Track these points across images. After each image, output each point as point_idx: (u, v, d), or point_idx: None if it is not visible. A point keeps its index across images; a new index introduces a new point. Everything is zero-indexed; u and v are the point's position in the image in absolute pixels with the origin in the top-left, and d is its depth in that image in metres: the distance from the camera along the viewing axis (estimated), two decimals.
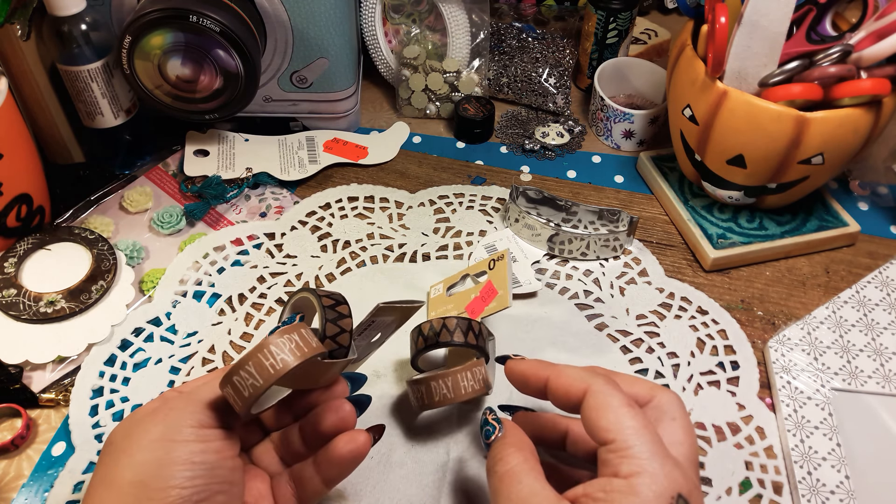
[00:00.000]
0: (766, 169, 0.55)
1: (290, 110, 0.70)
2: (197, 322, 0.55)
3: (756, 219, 0.61)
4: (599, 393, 0.34)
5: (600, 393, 0.34)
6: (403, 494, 0.45)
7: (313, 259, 0.60)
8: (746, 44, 0.53)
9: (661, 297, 0.57)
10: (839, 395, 0.50)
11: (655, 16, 0.88)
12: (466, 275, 0.57)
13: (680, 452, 0.34)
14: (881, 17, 0.51)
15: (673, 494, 0.30)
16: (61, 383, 0.51)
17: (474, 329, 0.46)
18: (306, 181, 0.67)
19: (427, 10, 0.73)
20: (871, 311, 0.56)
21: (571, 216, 0.63)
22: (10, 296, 0.53)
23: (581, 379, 0.35)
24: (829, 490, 0.46)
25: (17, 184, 0.55)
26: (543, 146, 0.71)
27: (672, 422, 0.35)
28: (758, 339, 0.55)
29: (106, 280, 0.55)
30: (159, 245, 0.61)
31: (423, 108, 0.75)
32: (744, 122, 0.53)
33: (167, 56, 0.58)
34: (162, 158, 0.68)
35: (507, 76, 0.75)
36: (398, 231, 0.62)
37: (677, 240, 0.63)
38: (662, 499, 0.30)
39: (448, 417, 0.49)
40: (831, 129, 0.52)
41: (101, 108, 0.62)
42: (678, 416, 0.36)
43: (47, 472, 0.47)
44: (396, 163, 0.69)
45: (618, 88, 0.75)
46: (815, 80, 0.52)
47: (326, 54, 0.65)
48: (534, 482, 0.34)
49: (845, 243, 0.62)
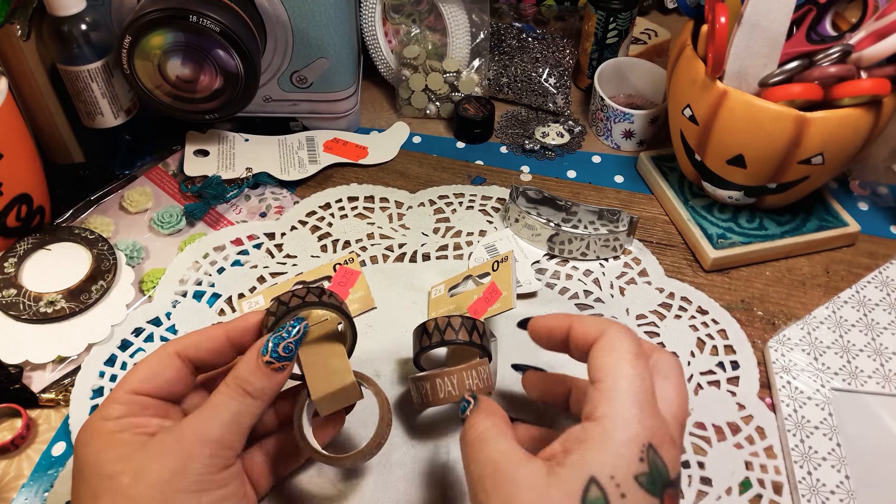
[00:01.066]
0: (766, 169, 0.55)
1: (290, 110, 0.70)
2: (197, 322, 0.55)
3: (756, 219, 0.61)
4: (612, 337, 0.35)
5: (612, 337, 0.35)
6: (403, 494, 0.45)
7: (313, 259, 0.60)
8: (746, 44, 0.53)
9: (661, 297, 0.57)
10: (839, 395, 0.50)
11: (655, 16, 0.88)
12: (468, 276, 0.57)
13: (667, 410, 0.33)
14: (881, 17, 0.51)
15: (644, 443, 0.30)
16: (61, 383, 0.51)
17: (478, 328, 0.46)
18: (306, 181, 0.67)
19: (427, 10, 0.73)
20: (871, 311, 0.56)
21: (571, 216, 0.63)
22: (10, 296, 0.53)
23: (599, 325, 0.36)
24: (829, 490, 0.46)
25: (17, 184, 0.55)
26: (543, 146, 0.71)
27: (664, 380, 0.35)
28: (758, 339, 0.55)
29: (106, 280, 0.55)
30: (159, 245, 0.61)
31: (423, 108, 0.75)
32: (744, 122, 0.53)
33: (167, 56, 0.58)
34: (162, 158, 0.68)
35: (507, 76, 0.75)
36: (398, 231, 0.62)
37: (677, 240, 0.63)
38: (633, 444, 0.30)
39: (448, 417, 0.49)
40: (831, 129, 0.52)
41: (101, 108, 0.62)
42: (672, 377, 0.35)
43: (47, 472, 0.47)
44: (396, 163, 0.69)
45: (618, 88, 0.75)
46: (815, 80, 0.52)
47: (326, 54, 0.65)
48: (502, 442, 0.33)
49: (845, 243, 0.62)
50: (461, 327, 0.45)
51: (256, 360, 0.38)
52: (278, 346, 0.39)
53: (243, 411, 0.38)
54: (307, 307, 0.41)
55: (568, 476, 0.29)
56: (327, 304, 0.41)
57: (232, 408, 0.37)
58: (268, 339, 0.39)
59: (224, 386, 0.38)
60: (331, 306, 0.41)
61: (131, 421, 0.37)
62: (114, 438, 0.36)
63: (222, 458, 0.36)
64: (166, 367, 0.39)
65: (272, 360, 0.38)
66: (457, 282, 0.56)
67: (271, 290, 0.56)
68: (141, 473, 0.34)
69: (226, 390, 0.38)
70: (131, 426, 0.37)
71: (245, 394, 0.38)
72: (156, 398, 0.39)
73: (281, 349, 0.39)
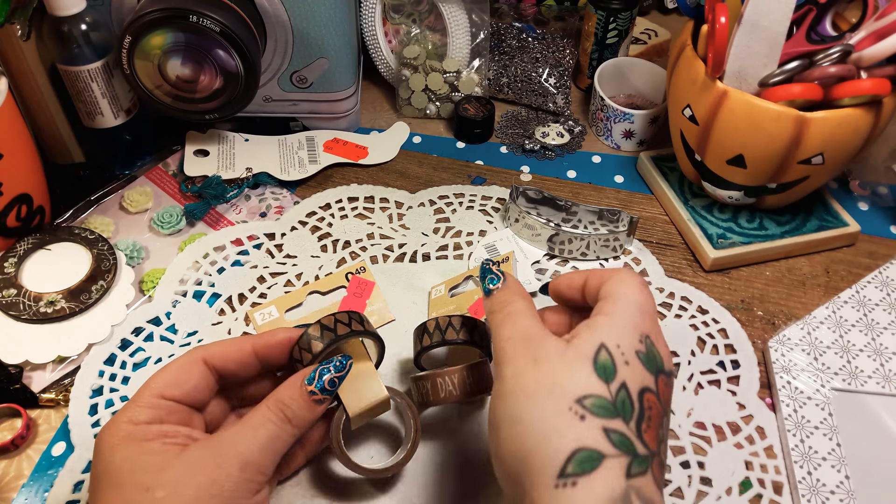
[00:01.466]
0: (766, 169, 0.55)
1: (290, 110, 0.70)
2: (197, 322, 0.55)
3: (756, 219, 0.61)
4: (621, 272, 0.38)
5: (622, 272, 0.38)
6: (404, 494, 0.45)
7: (313, 259, 0.60)
8: (746, 44, 0.53)
9: (662, 297, 0.57)
10: (839, 395, 0.50)
11: (655, 16, 0.88)
12: (469, 276, 0.57)
13: None
14: (881, 17, 0.51)
15: (643, 333, 0.35)
16: (61, 383, 0.51)
17: (479, 328, 0.46)
18: (306, 181, 0.67)
19: (427, 10, 0.73)
20: (871, 311, 0.56)
21: (571, 216, 0.63)
22: (10, 296, 0.53)
23: (611, 271, 0.39)
24: (829, 490, 0.46)
25: (17, 184, 0.55)
26: (543, 146, 0.71)
27: None
28: (758, 339, 0.55)
29: (106, 280, 0.55)
30: (159, 245, 0.61)
31: (423, 108, 0.75)
32: (744, 122, 0.53)
33: (167, 56, 0.58)
34: (162, 158, 0.68)
35: (507, 76, 0.75)
36: (398, 231, 0.62)
37: (677, 240, 0.63)
38: (635, 329, 0.34)
39: (448, 417, 0.49)
40: (831, 129, 0.52)
41: (101, 108, 0.62)
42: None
43: (47, 472, 0.47)
44: (396, 163, 0.69)
45: (618, 88, 0.75)
46: (815, 80, 0.52)
47: (326, 54, 0.65)
48: (534, 320, 0.37)
49: (845, 243, 0.62)
50: (462, 327, 0.45)
51: (301, 388, 0.39)
52: (324, 378, 0.39)
53: (280, 437, 0.38)
54: (355, 336, 0.42)
55: (582, 343, 0.34)
56: (371, 334, 0.43)
57: (270, 431, 0.37)
58: (315, 369, 0.39)
59: (265, 408, 0.38)
60: (373, 335, 0.43)
61: (161, 429, 0.37)
62: (146, 447, 0.35)
63: (255, 483, 0.36)
64: (193, 374, 0.39)
65: (315, 391, 0.39)
66: (457, 282, 0.56)
67: (283, 301, 0.55)
68: (177, 489, 0.34)
69: (266, 412, 0.38)
70: (161, 434, 0.36)
71: (285, 419, 0.38)
72: (181, 404, 0.39)
73: (326, 382, 0.39)
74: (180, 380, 0.39)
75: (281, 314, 0.54)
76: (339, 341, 0.41)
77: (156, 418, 0.37)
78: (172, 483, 0.34)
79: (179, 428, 0.37)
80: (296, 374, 0.40)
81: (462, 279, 0.56)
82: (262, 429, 0.37)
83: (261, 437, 0.37)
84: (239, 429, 0.37)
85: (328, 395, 0.39)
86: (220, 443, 0.36)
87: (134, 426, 0.36)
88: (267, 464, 0.37)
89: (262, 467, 0.37)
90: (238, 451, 0.36)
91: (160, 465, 0.35)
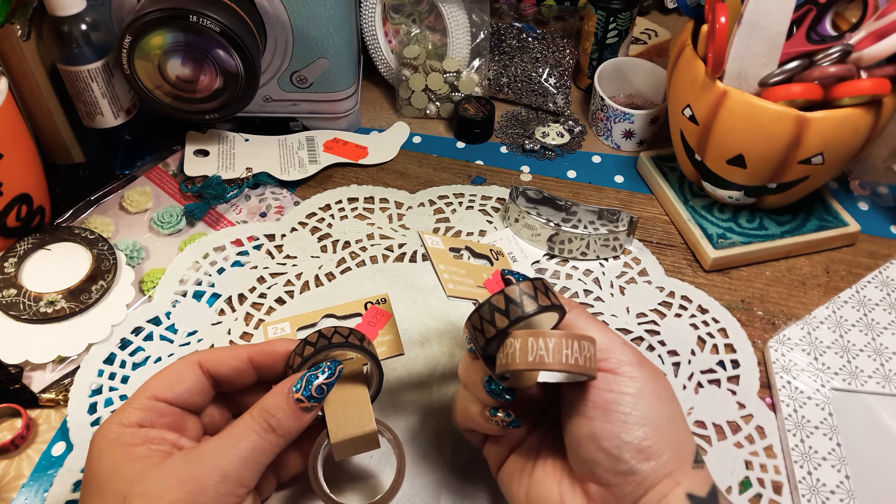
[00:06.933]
0: (766, 169, 0.55)
1: (290, 110, 0.70)
2: (197, 321, 0.55)
3: (756, 219, 0.61)
4: None
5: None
6: (403, 494, 0.45)
7: (313, 259, 0.60)
8: (746, 44, 0.53)
9: (662, 296, 0.57)
10: (839, 395, 0.50)
11: (655, 16, 0.88)
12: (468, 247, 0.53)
13: None
14: (881, 17, 0.51)
15: None
16: (61, 383, 0.51)
17: (541, 288, 0.35)
18: (306, 181, 0.67)
19: (427, 10, 0.73)
20: (871, 311, 0.56)
21: (571, 216, 0.63)
22: (10, 296, 0.53)
23: None
24: (829, 490, 0.46)
25: (17, 184, 0.55)
26: (543, 146, 0.71)
27: None
28: (758, 339, 0.55)
29: (106, 280, 0.55)
30: (159, 245, 0.61)
31: (423, 108, 0.75)
32: (744, 122, 0.53)
33: (167, 56, 0.58)
34: (162, 158, 0.68)
35: (507, 76, 0.75)
36: (398, 231, 0.62)
37: (677, 240, 0.63)
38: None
39: (448, 417, 0.49)
40: (831, 129, 0.52)
41: (101, 108, 0.62)
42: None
43: (47, 471, 0.47)
44: (396, 163, 0.69)
45: (618, 88, 0.75)
46: (815, 80, 0.52)
47: (326, 54, 0.65)
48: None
49: (845, 243, 0.62)
50: (522, 296, 0.35)
51: (287, 395, 0.38)
52: (311, 384, 0.38)
53: (263, 448, 0.37)
54: (348, 348, 0.40)
55: None
56: (366, 351, 0.41)
57: (252, 442, 0.36)
58: (302, 375, 0.39)
59: (248, 417, 0.37)
60: (370, 354, 0.41)
61: (148, 434, 0.36)
62: (130, 452, 0.35)
63: (234, 497, 0.36)
64: (188, 377, 0.39)
65: (302, 399, 0.38)
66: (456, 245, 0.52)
67: (298, 319, 0.54)
68: (151, 501, 0.34)
69: (249, 422, 0.37)
70: (148, 440, 0.36)
71: (269, 428, 0.37)
72: (175, 406, 0.38)
73: (314, 389, 0.38)
74: (173, 382, 0.39)
75: (293, 332, 0.53)
76: (331, 349, 0.39)
77: (146, 420, 0.37)
78: (147, 496, 0.34)
79: (166, 434, 0.37)
80: (282, 382, 0.39)
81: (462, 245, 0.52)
82: (244, 440, 0.36)
83: (242, 449, 0.36)
84: (221, 439, 0.37)
85: (316, 402, 0.38)
86: (201, 454, 0.36)
87: (123, 428, 0.36)
88: (248, 476, 0.36)
89: (242, 479, 0.36)
90: (217, 462, 0.35)
91: (139, 475, 0.35)
